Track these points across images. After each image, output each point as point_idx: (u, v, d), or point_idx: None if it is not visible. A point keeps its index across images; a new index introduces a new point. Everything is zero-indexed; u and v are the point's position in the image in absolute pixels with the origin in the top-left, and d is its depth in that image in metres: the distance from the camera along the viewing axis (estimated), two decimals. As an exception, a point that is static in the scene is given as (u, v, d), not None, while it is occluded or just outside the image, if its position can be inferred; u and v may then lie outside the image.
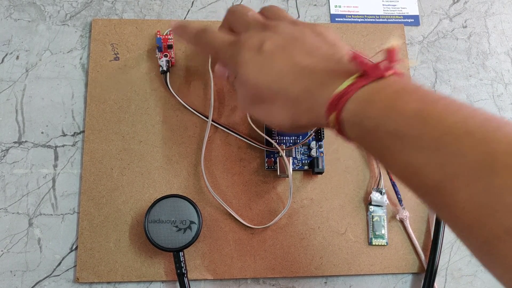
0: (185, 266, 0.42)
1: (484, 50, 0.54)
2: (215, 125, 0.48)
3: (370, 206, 0.47)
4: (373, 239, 0.46)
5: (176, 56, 0.50)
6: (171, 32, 0.49)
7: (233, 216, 0.45)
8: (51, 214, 0.45)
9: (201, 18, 0.52)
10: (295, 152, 0.47)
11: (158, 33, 0.50)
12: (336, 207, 0.47)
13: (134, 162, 0.46)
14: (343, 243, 0.46)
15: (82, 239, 0.44)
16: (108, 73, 0.49)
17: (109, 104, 0.48)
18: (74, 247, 0.44)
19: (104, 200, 0.45)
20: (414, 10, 0.55)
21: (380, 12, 0.55)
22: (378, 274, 0.46)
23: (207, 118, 0.48)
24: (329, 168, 0.48)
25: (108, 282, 0.44)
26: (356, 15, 0.54)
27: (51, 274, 0.44)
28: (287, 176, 0.46)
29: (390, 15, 0.55)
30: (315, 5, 0.54)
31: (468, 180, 0.23)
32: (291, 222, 0.46)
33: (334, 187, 0.47)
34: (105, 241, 0.44)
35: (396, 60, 0.29)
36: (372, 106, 0.27)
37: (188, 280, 0.43)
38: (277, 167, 0.45)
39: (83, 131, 0.47)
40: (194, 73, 0.50)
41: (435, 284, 0.44)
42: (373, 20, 0.54)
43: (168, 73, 0.48)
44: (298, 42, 0.34)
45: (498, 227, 0.22)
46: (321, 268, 0.45)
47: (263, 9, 0.39)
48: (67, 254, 0.44)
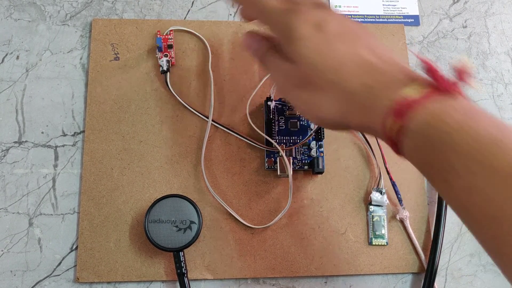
0: (185, 266, 0.43)
1: (484, 50, 0.54)
2: (215, 125, 0.48)
3: (370, 206, 0.47)
4: (373, 239, 0.46)
5: (176, 56, 0.50)
6: None
7: (233, 216, 0.45)
8: (51, 214, 0.45)
9: (201, 18, 0.52)
10: (295, 152, 0.47)
11: (158, 33, 0.50)
12: (336, 207, 0.47)
13: (134, 162, 0.46)
14: (343, 243, 0.46)
15: (82, 239, 0.44)
16: (108, 73, 0.49)
17: (109, 104, 0.48)
18: (74, 247, 0.44)
19: (104, 200, 0.45)
20: (414, 10, 0.55)
21: (380, 12, 0.55)
22: (378, 274, 0.46)
23: (207, 118, 0.48)
24: (329, 168, 0.48)
25: (108, 282, 0.44)
26: (356, 15, 0.54)
27: (51, 274, 0.44)
28: (287, 176, 0.46)
29: (390, 15, 0.55)
30: (315, 5, 0.54)
31: None
32: (291, 222, 0.46)
33: (334, 187, 0.47)
34: (105, 241, 0.44)
35: (466, 80, 0.27)
36: (444, 121, 0.26)
37: (188, 280, 0.43)
38: (277, 167, 0.45)
39: (83, 131, 0.47)
40: (194, 73, 0.50)
41: (435, 284, 0.44)
42: (373, 20, 0.54)
43: (168, 73, 0.48)
44: (360, 34, 0.31)
45: None
46: (321, 268, 0.45)
47: None
48: (67, 254, 0.44)
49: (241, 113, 0.49)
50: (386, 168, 0.46)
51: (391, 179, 0.46)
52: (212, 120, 0.48)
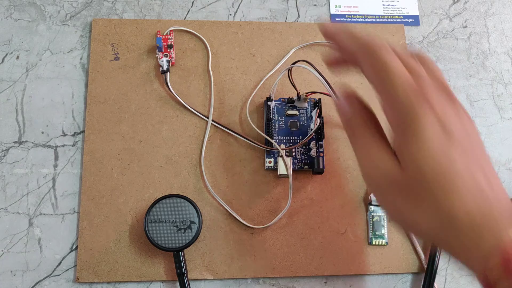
0: (185, 266, 0.43)
1: (484, 50, 0.54)
2: (215, 125, 0.48)
3: (370, 206, 0.47)
4: (373, 239, 0.46)
5: (176, 56, 0.50)
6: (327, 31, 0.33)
7: (233, 216, 0.45)
8: (51, 214, 0.45)
9: (201, 18, 0.52)
10: (295, 152, 0.47)
11: (158, 33, 0.50)
12: (336, 207, 0.47)
13: (134, 162, 0.46)
14: (343, 243, 0.46)
15: (82, 239, 0.44)
16: (108, 73, 0.49)
17: (109, 104, 0.48)
18: (74, 247, 0.44)
19: (104, 200, 0.45)
20: (414, 10, 0.55)
21: (380, 12, 0.55)
22: (378, 274, 0.46)
23: (207, 118, 0.48)
24: (329, 168, 0.48)
25: (108, 282, 0.44)
26: (356, 15, 0.54)
27: (51, 274, 0.44)
28: (287, 176, 0.46)
29: (390, 15, 0.55)
30: (315, 5, 0.54)
31: None
32: (291, 222, 0.46)
33: (334, 187, 0.47)
34: (105, 241, 0.44)
35: None
36: None
37: (188, 280, 0.43)
38: (277, 167, 0.45)
39: (83, 131, 0.47)
40: (194, 73, 0.50)
41: (435, 284, 0.44)
42: (373, 20, 0.54)
43: (168, 73, 0.48)
44: (478, 147, 0.28)
45: None
46: (321, 268, 0.45)
47: (423, 60, 0.30)
48: (67, 254, 0.44)
49: (241, 113, 0.49)
50: (386, 168, 0.46)
51: (391, 179, 0.46)
52: (212, 120, 0.48)
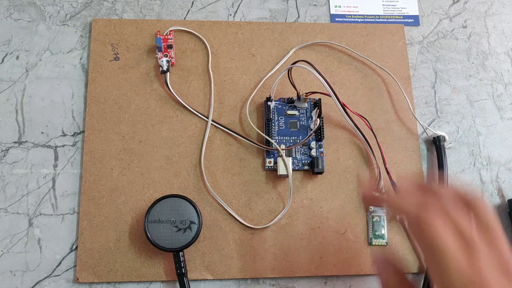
0: (185, 266, 0.42)
1: (484, 50, 0.54)
2: (215, 125, 0.48)
3: (370, 206, 0.47)
4: (373, 239, 0.46)
5: (176, 56, 0.50)
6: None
7: (233, 216, 0.45)
8: (51, 214, 0.45)
9: (201, 18, 0.52)
10: (295, 152, 0.47)
11: (158, 33, 0.50)
12: (336, 207, 0.47)
13: (134, 162, 0.46)
14: (343, 243, 0.46)
15: (82, 239, 0.44)
16: (108, 73, 0.49)
17: (109, 104, 0.48)
18: (74, 247, 0.44)
19: (104, 200, 0.45)
20: (414, 10, 0.55)
21: (380, 12, 0.55)
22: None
23: (207, 118, 0.48)
24: (329, 168, 0.48)
25: (108, 282, 0.44)
26: (356, 15, 0.54)
27: (51, 274, 0.44)
28: (287, 176, 0.46)
29: (390, 15, 0.55)
30: (315, 5, 0.54)
31: None
32: (291, 222, 0.46)
33: (334, 187, 0.47)
34: (105, 241, 0.44)
35: None
36: None
37: (188, 280, 0.43)
38: (277, 167, 0.45)
39: (83, 131, 0.47)
40: (194, 73, 0.50)
41: (435, 284, 0.44)
42: (373, 20, 0.54)
43: (168, 73, 0.48)
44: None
45: None
46: (321, 268, 0.45)
47: (474, 206, 0.30)
48: (67, 254, 0.44)
49: (241, 113, 0.49)
50: (386, 168, 0.46)
51: (391, 179, 0.46)
52: (212, 120, 0.48)
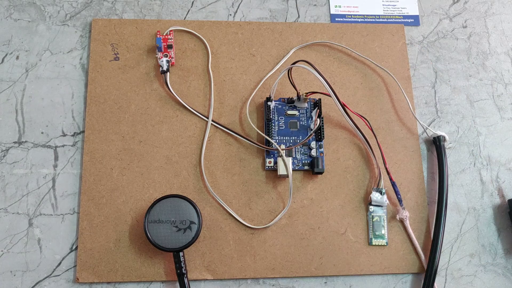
0: (185, 266, 0.42)
1: (484, 50, 0.54)
2: (215, 125, 0.48)
3: (370, 206, 0.47)
4: (373, 239, 0.46)
5: (176, 56, 0.50)
6: None
7: (233, 216, 0.45)
8: (51, 214, 0.45)
9: (201, 18, 0.52)
10: (295, 152, 0.47)
11: (158, 33, 0.50)
12: (336, 207, 0.47)
13: (134, 162, 0.46)
14: (343, 243, 0.46)
15: (82, 239, 0.44)
16: (108, 73, 0.49)
17: (109, 104, 0.48)
18: (74, 247, 0.44)
19: (104, 200, 0.45)
20: (414, 10, 0.55)
21: (380, 12, 0.55)
22: (378, 274, 0.46)
23: (207, 118, 0.48)
24: (329, 168, 0.48)
25: (108, 282, 0.44)
26: (356, 15, 0.54)
27: (51, 274, 0.44)
28: (287, 176, 0.46)
29: (390, 15, 0.55)
30: (315, 5, 0.54)
31: None
32: (291, 222, 0.46)
33: (334, 187, 0.47)
34: (105, 241, 0.44)
35: None
36: None
37: (188, 280, 0.43)
38: (277, 167, 0.45)
39: (83, 131, 0.47)
40: (194, 73, 0.50)
41: (435, 284, 0.44)
42: (373, 20, 0.54)
43: (168, 73, 0.48)
44: None
45: None
46: (321, 268, 0.45)
47: None
48: (67, 254, 0.44)
49: (241, 113, 0.49)
50: (386, 168, 0.46)
51: (391, 179, 0.46)
52: (212, 120, 0.48)
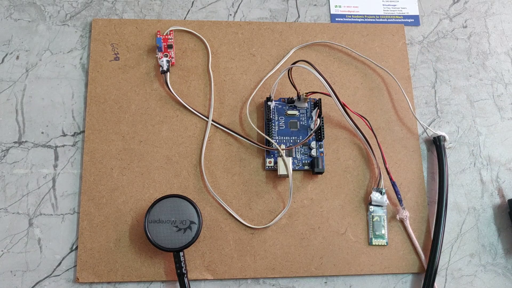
0: (185, 266, 0.42)
1: (484, 50, 0.54)
2: (215, 125, 0.48)
3: (370, 206, 0.47)
4: (373, 239, 0.46)
5: (176, 56, 0.50)
6: None
7: (233, 216, 0.45)
8: (51, 214, 0.45)
9: (201, 18, 0.52)
10: (295, 152, 0.47)
11: (158, 33, 0.50)
12: (336, 207, 0.47)
13: (134, 162, 0.46)
14: (343, 243, 0.46)
15: (82, 239, 0.44)
16: (108, 73, 0.49)
17: (109, 104, 0.48)
18: (74, 247, 0.44)
19: (104, 200, 0.45)
20: (414, 10, 0.55)
21: (380, 12, 0.55)
22: (378, 274, 0.46)
23: (207, 118, 0.48)
24: (329, 168, 0.48)
25: (108, 282, 0.44)
26: (356, 15, 0.54)
27: (51, 274, 0.44)
28: (287, 176, 0.46)
29: (390, 15, 0.55)
30: (315, 5, 0.54)
31: None
32: (291, 222, 0.46)
33: (334, 187, 0.47)
34: (105, 241, 0.44)
35: None
36: None
37: (188, 280, 0.43)
38: (277, 167, 0.45)
39: (83, 131, 0.47)
40: (194, 73, 0.50)
41: (435, 284, 0.44)
42: (373, 20, 0.54)
43: (168, 73, 0.48)
44: None
45: None
46: (321, 268, 0.45)
47: None
48: (67, 254, 0.44)
49: (241, 113, 0.49)
50: (386, 168, 0.46)
51: (391, 179, 0.46)
52: (212, 120, 0.48)
